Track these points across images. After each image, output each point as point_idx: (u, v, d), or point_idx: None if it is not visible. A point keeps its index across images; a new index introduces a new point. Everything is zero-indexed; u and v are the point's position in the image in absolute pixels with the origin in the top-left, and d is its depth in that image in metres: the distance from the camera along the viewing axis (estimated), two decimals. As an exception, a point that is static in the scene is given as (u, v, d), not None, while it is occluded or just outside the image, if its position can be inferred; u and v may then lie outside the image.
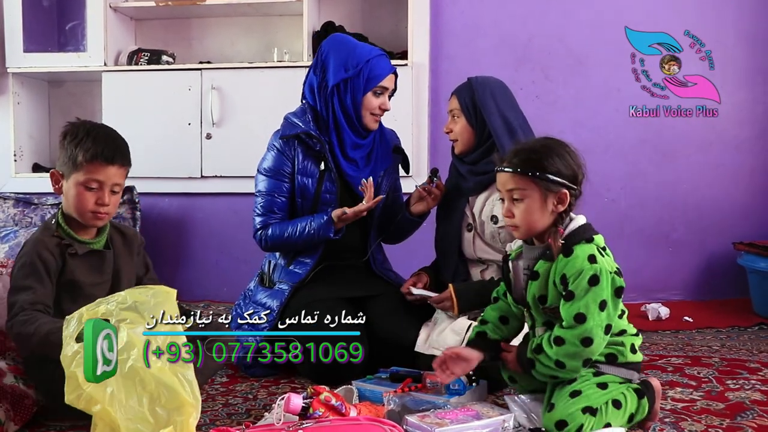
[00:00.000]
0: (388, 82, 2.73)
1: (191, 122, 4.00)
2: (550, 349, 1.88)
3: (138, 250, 2.40)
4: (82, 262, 2.19)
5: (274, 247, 2.74)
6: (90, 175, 2.14)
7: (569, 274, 1.88)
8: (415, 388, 2.19)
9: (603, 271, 1.87)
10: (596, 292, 1.86)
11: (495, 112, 2.62)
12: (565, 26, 4.01)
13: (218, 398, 2.36)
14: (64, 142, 2.18)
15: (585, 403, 1.85)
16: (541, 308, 1.97)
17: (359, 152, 2.77)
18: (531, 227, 1.97)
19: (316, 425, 1.75)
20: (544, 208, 1.94)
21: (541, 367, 1.90)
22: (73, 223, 2.20)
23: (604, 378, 1.92)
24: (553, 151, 1.95)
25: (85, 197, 2.15)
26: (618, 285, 1.89)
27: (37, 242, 2.14)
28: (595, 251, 1.90)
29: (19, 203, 3.95)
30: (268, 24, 4.28)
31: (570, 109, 4.00)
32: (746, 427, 2.00)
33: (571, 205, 1.95)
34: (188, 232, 4.21)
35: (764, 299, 3.58)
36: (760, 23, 3.95)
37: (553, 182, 1.92)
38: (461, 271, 2.72)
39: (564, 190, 1.93)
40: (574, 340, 1.85)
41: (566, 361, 1.86)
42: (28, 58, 4.10)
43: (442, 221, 2.80)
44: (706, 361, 2.76)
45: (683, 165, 3.99)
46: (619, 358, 1.95)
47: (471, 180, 2.68)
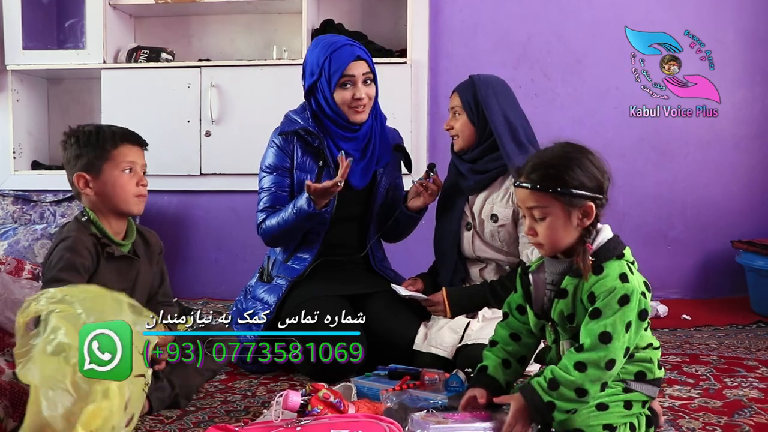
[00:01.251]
0: (352, 70, 2.65)
1: (190, 120, 4.00)
2: (571, 376, 1.71)
3: (158, 259, 2.38)
4: (113, 266, 2.18)
5: (272, 237, 2.71)
6: (123, 158, 2.16)
7: (598, 292, 1.74)
8: (414, 385, 2.19)
9: (635, 292, 1.73)
10: (625, 312, 1.72)
11: (497, 111, 2.62)
12: (564, 25, 4.01)
13: (217, 395, 2.36)
14: (77, 144, 2.16)
15: (608, 420, 1.75)
16: (568, 327, 1.83)
17: (352, 145, 2.74)
18: (556, 245, 1.82)
19: (315, 422, 1.75)
20: (568, 224, 1.79)
21: (564, 404, 1.72)
22: (103, 222, 2.17)
23: (631, 396, 1.80)
24: (573, 162, 1.79)
25: (127, 182, 2.16)
26: (643, 307, 1.76)
27: (75, 241, 2.10)
28: (626, 269, 1.77)
29: (18, 200, 3.95)
30: (267, 22, 4.28)
31: (569, 108, 4.00)
32: (744, 425, 2.01)
33: (597, 217, 1.80)
34: (187, 230, 4.22)
35: (762, 297, 3.58)
36: (759, 22, 3.95)
37: (575, 196, 1.77)
38: (460, 269, 2.73)
39: (588, 203, 1.77)
40: (600, 363, 1.70)
41: (589, 387, 1.70)
42: (27, 56, 4.10)
43: (441, 220, 2.81)
44: (704, 359, 2.76)
45: (682, 164, 3.99)
46: (648, 375, 1.83)
47: (471, 179, 2.69)
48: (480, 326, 2.51)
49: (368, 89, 2.69)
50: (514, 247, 2.63)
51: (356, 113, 2.68)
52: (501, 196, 2.63)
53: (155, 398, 2.12)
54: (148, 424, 2.06)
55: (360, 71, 2.66)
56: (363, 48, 2.73)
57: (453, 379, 2.15)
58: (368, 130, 2.77)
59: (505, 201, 2.62)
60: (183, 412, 2.17)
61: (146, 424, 2.06)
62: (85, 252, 2.09)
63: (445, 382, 2.16)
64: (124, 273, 2.21)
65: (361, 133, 2.74)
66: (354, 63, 2.65)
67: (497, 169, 2.65)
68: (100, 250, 2.14)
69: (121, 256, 2.19)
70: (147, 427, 2.04)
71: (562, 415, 1.72)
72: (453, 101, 2.72)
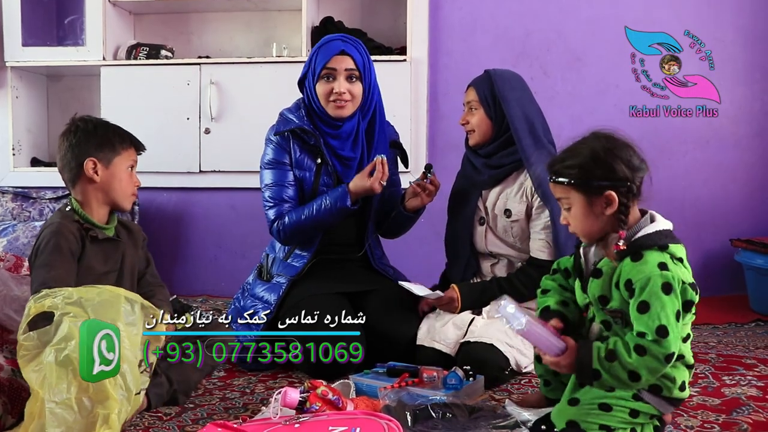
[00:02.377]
0: (334, 63, 2.65)
1: (190, 117, 4.00)
2: (629, 357, 1.69)
3: (141, 245, 2.46)
4: (99, 249, 2.26)
5: (293, 234, 2.69)
6: (130, 157, 2.32)
7: (635, 279, 1.72)
8: (412, 382, 2.20)
9: (675, 279, 1.71)
10: (672, 300, 1.70)
11: (515, 106, 2.62)
12: (564, 23, 4.01)
13: (215, 392, 2.36)
14: (86, 134, 2.27)
15: (607, 422, 1.76)
16: (601, 308, 1.84)
17: (337, 143, 2.73)
18: (588, 233, 1.85)
19: (313, 419, 1.76)
20: (591, 213, 1.81)
21: (609, 378, 1.73)
22: (87, 210, 2.27)
23: (639, 406, 1.79)
24: (593, 152, 1.82)
25: (128, 179, 2.31)
26: (689, 298, 1.75)
27: (60, 225, 2.19)
28: (666, 259, 1.74)
29: (17, 197, 3.96)
30: (267, 19, 4.28)
31: (568, 106, 4.00)
32: (742, 423, 2.02)
33: (625, 205, 1.78)
34: (186, 227, 4.22)
35: (761, 296, 3.59)
36: (758, 21, 3.95)
37: (591, 186, 1.79)
38: (472, 264, 2.73)
39: (609, 192, 1.78)
40: (660, 356, 1.68)
41: (644, 374, 1.70)
42: (26, 52, 4.10)
43: (455, 214, 2.80)
44: (703, 357, 2.77)
45: (681, 162, 3.99)
46: (664, 392, 1.80)
47: (485, 173, 2.68)
48: (484, 323, 2.51)
49: (351, 86, 2.68)
50: (527, 243, 2.62)
51: (336, 108, 2.67)
52: (515, 192, 2.62)
53: (153, 394, 2.12)
54: (146, 420, 2.06)
55: (342, 66, 2.65)
56: (356, 46, 2.71)
57: (451, 377, 2.15)
58: (352, 129, 2.75)
59: (518, 196, 2.61)
60: (181, 409, 2.18)
61: (144, 421, 2.06)
62: (71, 236, 2.19)
63: (444, 380, 2.17)
64: (110, 254, 2.31)
65: (343, 130, 2.72)
66: (337, 57, 2.65)
67: (512, 164, 2.64)
68: (84, 234, 2.23)
69: (105, 239, 2.28)
70: (145, 424, 2.04)
71: (600, 386, 1.75)
72: (469, 95, 2.71)
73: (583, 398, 1.79)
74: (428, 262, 2.97)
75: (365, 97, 2.73)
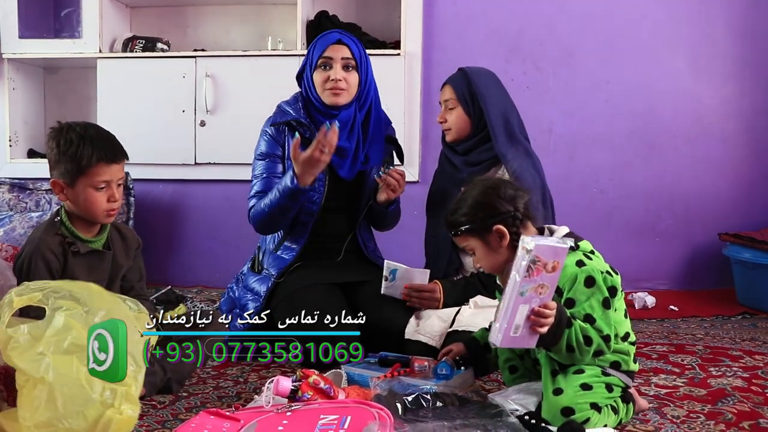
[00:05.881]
0: (331, 52, 2.70)
1: (185, 109, 4.02)
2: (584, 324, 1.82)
3: (135, 253, 2.44)
4: (83, 262, 2.24)
5: (260, 221, 2.71)
6: (97, 177, 2.19)
7: (561, 284, 1.84)
8: (404, 372, 2.23)
9: (595, 271, 1.85)
10: (595, 293, 1.85)
11: (493, 102, 2.64)
12: (556, 18, 4.03)
13: (209, 381, 2.38)
14: (57, 150, 2.19)
15: (593, 399, 1.84)
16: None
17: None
18: (496, 267, 2.00)
19: (305, 407, 1.78)
20: (490, 250, 1.97)
21: (563, 342, 1.80)
22: (76, 221, 2.25)
23: (610, 380, 1.90)
24: (473, 199, 1.97)
25: (97, 198, 2.20)
26: (611, 284, 1.88)
27: (40, 241, 2.18)
28: (581, 257, 1.88)
29: (14, 188, 3.97)
30: (262, 13, 4.30)
31: (560, 101, 4.03)
32: (726, 413, 2.04)
33: (515, 233, 1.92)
34: (181, 219, 4.24)
35: (748, 289, 3.62)
36: (747, 17, 3.98)
37: (483, 226, 1.94)
38: (454, 260, 2.75)
39: (497, 226, 1.93)
40: (595, 335, 1.82)
41: (594, 337, 1.81)
42: (23, 44, 4.11)
43: (435, 213, 2.81)
44: (690, 348, 2.80)
45: (670, 157, 4.02)
46: (623, 366, 1.93)
47: (464, 171, 2.70)
48: (472, 312, 2.53)
49: (348, 75, 2.71)
50: None
51: (332, 95, 2.70)
52: None
53: (148, 383, 2.11)
54: (140, 408, 2.07)
55: (339, 54, 2.70)
56: (353, 38, 2.76)
57: (442, 367, 2.18)
58: (348, 119, 2.75)
59: None
60: (175, 397, 2.20)
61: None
62: (49, 254, 2.17)
63: (434, 369, 2.19)
64: (96, 266, 2.28)
65: (339, 119, 2.72)
66: (334, 45, 2.70)
67: (490, 160, 2.67)
68: (66, 248, 2.21)
69: (88, 252, 2.25)
70: (139, 412, 2.05)
71: (557, 351, 1.82)
72: (445, 94, 2.74)
73: (564, 385, 1.85)
74: (422, 254, 2.98)
75: (361, 88, 2.76)
